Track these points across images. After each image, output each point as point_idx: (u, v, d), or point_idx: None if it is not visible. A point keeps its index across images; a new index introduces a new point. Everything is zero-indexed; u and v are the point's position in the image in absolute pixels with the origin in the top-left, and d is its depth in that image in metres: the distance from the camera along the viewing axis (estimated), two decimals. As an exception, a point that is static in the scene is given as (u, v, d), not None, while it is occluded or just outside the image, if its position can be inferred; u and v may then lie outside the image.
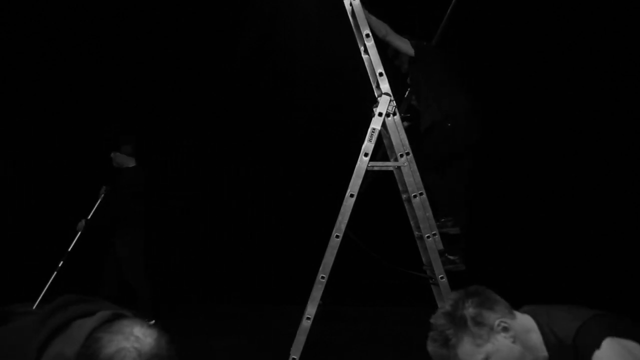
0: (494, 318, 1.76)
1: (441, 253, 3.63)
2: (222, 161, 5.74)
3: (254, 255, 5.70)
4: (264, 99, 5.74)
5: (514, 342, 1.78)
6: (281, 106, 5.72)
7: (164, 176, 5.73)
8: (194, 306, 5.49)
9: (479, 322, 1.75)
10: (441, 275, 3.55)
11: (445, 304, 1.82)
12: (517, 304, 2.19)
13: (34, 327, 1.48)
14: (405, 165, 3.55)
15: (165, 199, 5.72)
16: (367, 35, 3.55)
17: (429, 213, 3.62)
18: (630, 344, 1.75)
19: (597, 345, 1.72)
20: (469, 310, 1.76)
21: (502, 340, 1.77)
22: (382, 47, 3.70)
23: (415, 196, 3.56)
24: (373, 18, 3.74)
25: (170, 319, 4.97)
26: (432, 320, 1.78)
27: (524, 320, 1.83)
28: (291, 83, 5.71)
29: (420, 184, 3.59)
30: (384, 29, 3.82)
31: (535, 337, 1.82)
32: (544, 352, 1.84)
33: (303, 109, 5.69)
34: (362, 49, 3.79)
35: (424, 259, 3.77)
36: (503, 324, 1.76)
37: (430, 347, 1.79)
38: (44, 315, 1.50)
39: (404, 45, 3.93)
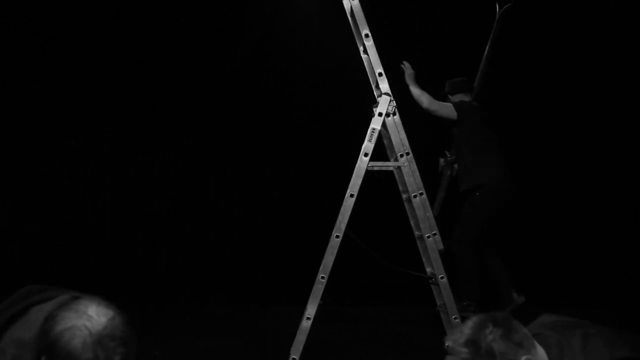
0: (521, 354, 1.69)
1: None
2: (221, 161, 5.73)
3: (254, 256, 5.70)
4: (263, 99, 5.74)
5: None
6: (281, 106, 5.72)
7: (164, 176, 5.72)
8: (195, 307, 5.48)
9: (508, 359, 1.67)
10: (441, 275, 3.56)
11: (465, 327, 1.72)
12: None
13: None
14: (405, 165, 3.56)
15: (162, 197, 5.70)
16: (367, 35, 3.56)
17: (429, 213, 3.63)
18: None
19: None
20: (499, 344, 1.67)
21: None
22: (382, 47, 3.70)
23: (415, 196, 3.57)
24: (416, 90, 3.87)
25: (173, 320, 4.98)
26: (450, 344, 1.71)
27: (541, 353, 1.76)
28: (291, 83, 5.70)
29: (421, 184, 3.60)
30: (426, 100, 4.06)
31: None
32: None
33: (303, 109, 5.69)
34: (361, 49, 3.79)
35: (424, 259, 3.77)
36: None
37: None
38: (4, 305, 1.51)
39: (448, 111, 4.23)
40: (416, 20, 5.54)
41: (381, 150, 3.81)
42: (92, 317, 1.37)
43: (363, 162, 3.48)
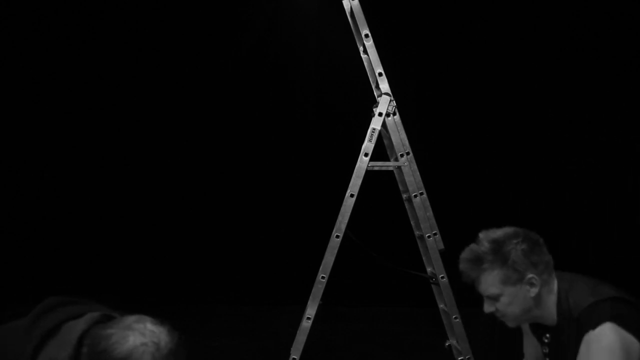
0: (530, 272, 1.92)
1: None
2: (221, 161, 5.73)
3: (254, 256, 5.70)
4: (263, 99, 5.74)
5: (532, 296, 1.94)
6: (281, 106, 5.72)
7: (164, 175, 5.71)
8: (195, 307, 5.48)
9: (516, 269, 1.91)
10: (442, 275, 3.55)
11: (502, 230, 1.98)
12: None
13: (24, 330, 1.47)
14: (406, 165, 3.56)
15: (162, 196, 5.70)
16: (367, 36, 3.56)
17: (430, 212, 3.62)
18: (628, 337, 1.84)
19: (594, 326, 1.86)
20: (517, 254, 1.91)
21: (523, 291, 1.94)
22: (382, 46, 3.70)
23: (415, 196, 3.57)
24: None
25: (173, 320, 4.97)
26: (481, 235, 1.97)
27: (554, 284, 1.97)
28: (291, 83, 5.70)
29: (421, 184, 3.60)
30: None
31: (552, 299, 1.97)
32: (553, 316, 1.99)
33: (303, 109, 5.69)
34: (361, 49, 3.79)
35: (424, 259, 3.77)
36: (533, 280, 1.92)
37: (465, 256, 1.98)
38: (32, 317, 1.50)
39: None
40: (416, 21, 5.54)
41: (381, 150, 3.81)
42: (155, 332, 1.40)
43: (363, 162, 3.48)
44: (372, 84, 3.79)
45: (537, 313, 1.99)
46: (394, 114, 3.56)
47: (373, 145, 3.48)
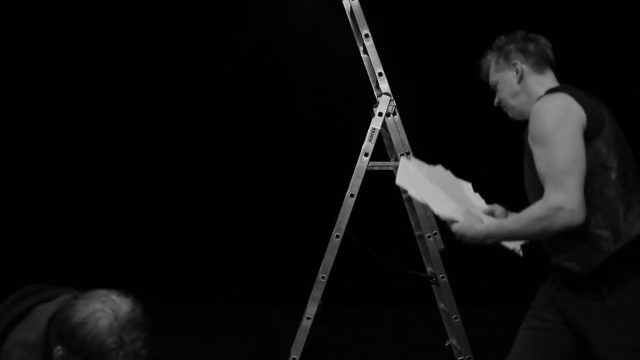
0: (516, 60, 2.11)
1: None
2: (221, 161, 5.73)
3: (254, 256, 5.70)
4: (263, 99, 5.74)
5: (518, 82, 2.12)
6: (281, 106, 5.72)
7: (164, 175, 5.71)
8: (195, 307, 5.49)
9: (506, 56, 2.13)
10: (442, 275, 3.55)
11: (514, 34, 2.18)
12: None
13: None
14: (406, 165, 3.55)
15: (162, 196, 5.70)
16: (367, 35, 3.56)
17: (430, 212, 3.62)
18: (567, 98, 1.97)
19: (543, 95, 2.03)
20: (510, 45, 2.14)
21: (510, 76, 2.13)
22: (382, 46, 3.70)
23: (415, 196, 3.56)
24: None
25: (173, 320, 4.97)
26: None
27: (547, 82, 2.13)
28: (291, 83, 5.70)
29: (421, 184, 3.59)
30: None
31: (539, 93, 2.08)
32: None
33: (303, 109, 5.69)
34: (361, 48, 3.80)
35: (424, 258, 3.77)
36: (517, 66, 2.11)
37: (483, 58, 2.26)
38: (5, 304, 1.50)
39: None
40: (416, 22, 5.54)
41: (381, 150, 3.81)
42: (115, 301, 1.40)
43: (363, 162, 3.48)
44: (372, 84, 3.79)
45: (526, 100, 2.12)
46: (394, 114, 3.56)
47: (373, 145, 3.49)
